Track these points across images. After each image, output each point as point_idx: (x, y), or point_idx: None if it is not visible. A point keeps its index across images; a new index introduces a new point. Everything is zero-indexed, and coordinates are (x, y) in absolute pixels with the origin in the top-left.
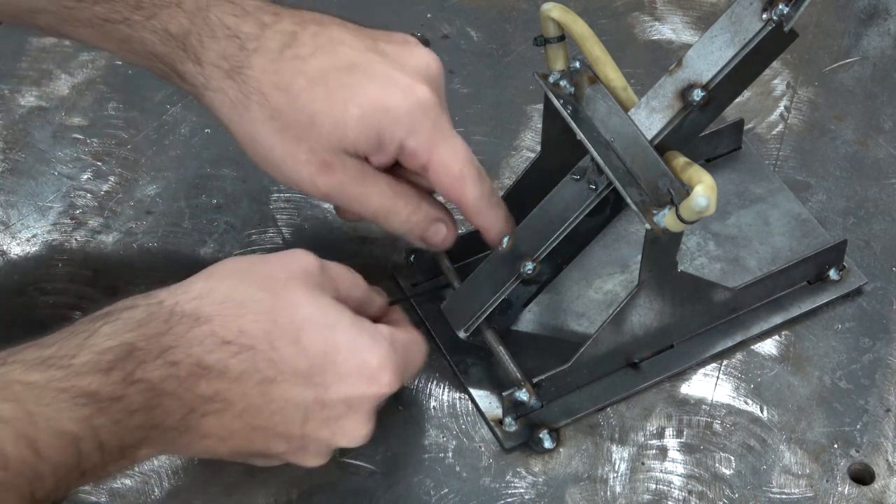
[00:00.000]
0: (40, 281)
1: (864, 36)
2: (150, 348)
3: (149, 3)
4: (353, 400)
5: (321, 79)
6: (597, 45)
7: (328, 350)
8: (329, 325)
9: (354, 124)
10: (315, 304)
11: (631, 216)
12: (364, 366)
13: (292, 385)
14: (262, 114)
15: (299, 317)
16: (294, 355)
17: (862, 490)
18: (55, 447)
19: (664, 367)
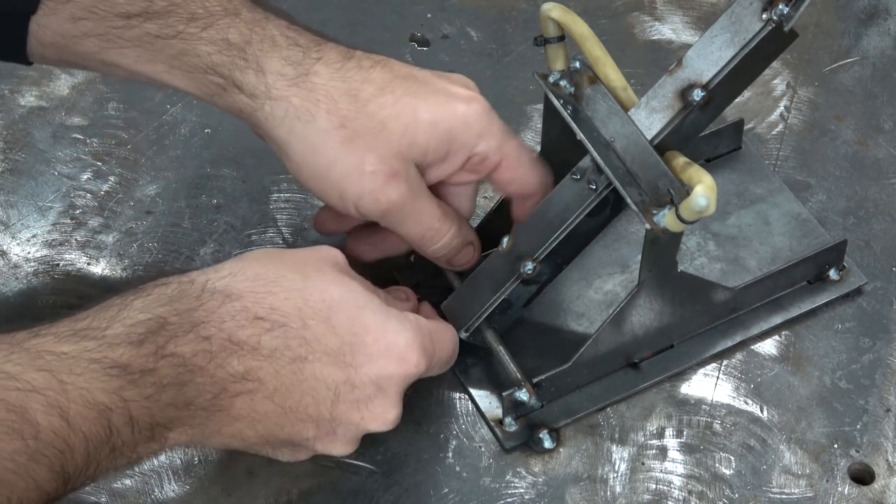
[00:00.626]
0: (40, 281)
1: (864, 36)
2: (182, 322)
3: (204, 14)
4: (383, 380)
5: (388, 87)
6: (597, 45)
7: (358, 330)
8: (359, 306)
9: (426, 128)
10: (345, 286)
11: (631, 216)
12: (393, 346)
13: (323, 364)
14: (331, 122)
15: (330, 296)
16: (325, 334)
17: (862, 490)
18: (87, 418)
19: (664, 367)
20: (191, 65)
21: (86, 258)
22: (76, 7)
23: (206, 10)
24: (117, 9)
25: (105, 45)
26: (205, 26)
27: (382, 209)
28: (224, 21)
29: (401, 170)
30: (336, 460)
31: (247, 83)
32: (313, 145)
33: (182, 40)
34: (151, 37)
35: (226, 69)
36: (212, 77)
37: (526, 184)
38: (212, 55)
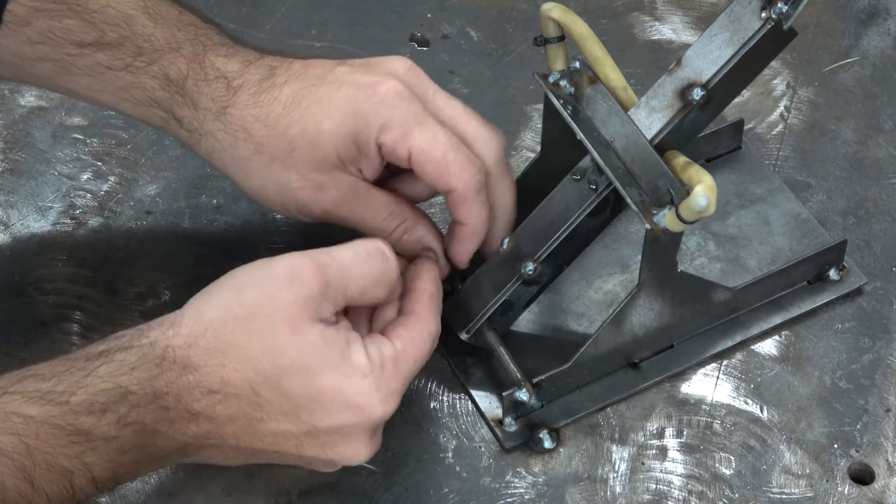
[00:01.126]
0: (40, 281)
1: (864, 36)
2: (144, 392)
3: (150, 49)
4: (345, 429)
5: (294, 102)
6: (597, 45)
7: (311, 393)
8: (310, 370)
9: (328, 138)
10: (297, 346)
11: (631, 216)
12: (351, 401)
13: (280, 422)
14: (248, 150)
15: (279, 364)
16: (277, 399)
17: (862, 490)
18: (50, 481)
19: (664, 367)
20: (137, 98)
21: (86, 259)
22: (33, 31)
23: (152, 45)
24: (72, 36)
25: (59, 70)
26: (150, 61)
27: (320, 215)
28: (167, 57)
29: (325, 180)
30: None
31: (185, 118)
32: (245, 171)
33: (130, 73)
34: (102, 67)
35: (167, 104)
36: (156, 111)
37: (439, 180)
38: (155, 90)
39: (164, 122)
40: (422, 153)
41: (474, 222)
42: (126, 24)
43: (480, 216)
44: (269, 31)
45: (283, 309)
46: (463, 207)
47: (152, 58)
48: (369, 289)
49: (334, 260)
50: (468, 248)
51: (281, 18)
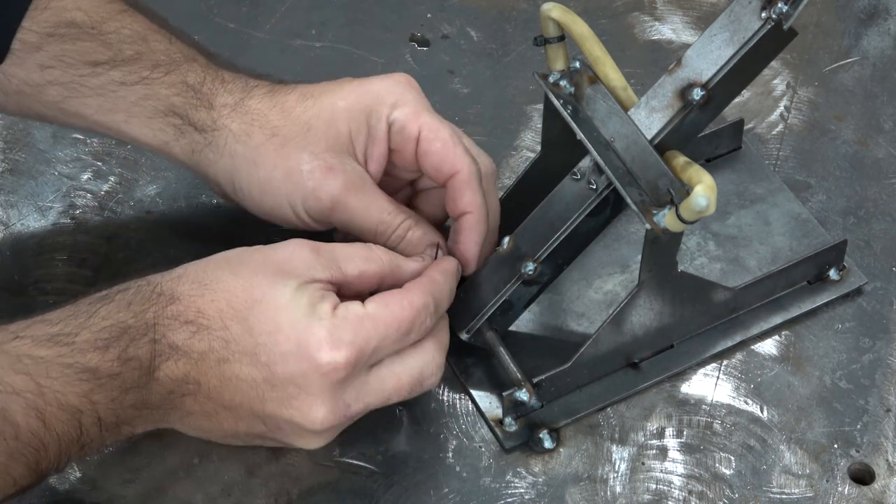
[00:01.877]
0: (40, 281)
1: (864, 36)
2: (139, 325)
3: (167, 61)
4: (299, 379)
5: (309, 92)
6: (597, 45)
7: (271, 329)
8: (277, 306)
9: (344, 115)
10: (271, 285)
11: (631, 216)
12: (302, 344)
13: (242, 365)
14: (264, 134)
15: (252, 296)
16: (242, 334)
17: (862, 490)
18: (60, 419)
19: (664, 367)
20: (151, 109)
21: (85, 258)
22: (45, 55)
23: (169, 57)
24: (86, 57)
25: (68, 94)
26: (167, 71)
27: (326, 205)
28: (184, 66)
29: (335, 163)
30: (336, 460)
31: (199, 120)
32: (253, 160)
33: (145, 85)
34: (116, 84)
35: (182, 109)
36: (171, 119)
37: (445, 159)
38: (171, 97)
39: (177, 129)
40: (431, 130)
41: (478, 210)
42: (143, 40)
43: (483, 205)
44: (269, 31)
45: (272, 264)
46: (467, 193)
47: (170, 68)
48: (364, 268)
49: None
50: (475, 238)
51: (281, 18)
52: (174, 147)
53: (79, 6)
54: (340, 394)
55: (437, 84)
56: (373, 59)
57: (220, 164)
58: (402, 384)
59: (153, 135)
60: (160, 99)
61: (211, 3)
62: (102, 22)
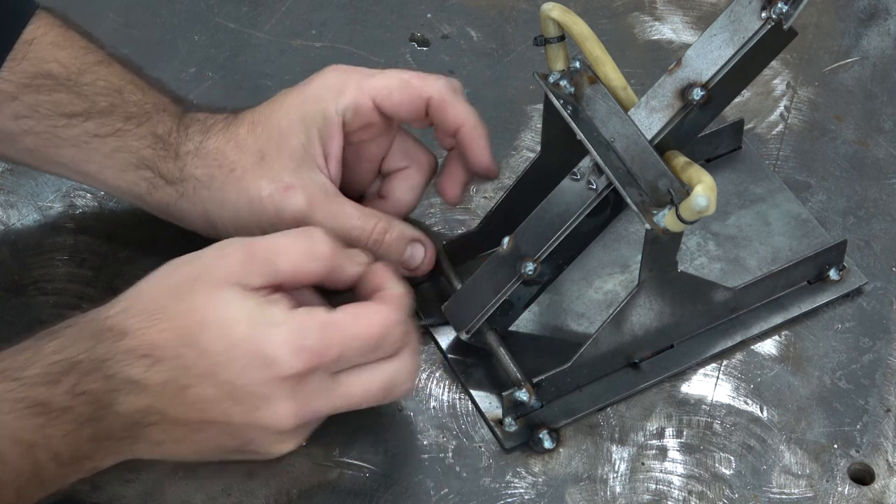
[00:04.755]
0: (40, 281)
1: (864, 36)
2: (90, 359)
3: (139, 113)
4: (260, 388)
5: (258, 119)
6: (597, 45)
7: (226, 347)
8: (225, 323)
9: (291, 131)
10: (214, 303)
11: (631, 216)
12: (261, 353)
13: (203, 387)
14: (223, 173)
15: (196, 320)
16: (197, 358)
17: (862, 490)
18: (14, 454)
19: (664, 367)
20: (123, 162)
21: (85, 258)
22: (20, 105)
23: (140, 108)
24: (60, 108)
25: (43, 143)
26: (139, 123)
27: (292, 222)
28: (155, 118)
29: (293, 181)
30: (336, 460)
31: (167, 172)
32: (220, 202)
33: (117, 138)
34: (89, 135)
35: (152, 162)
36: (142, 172)
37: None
38: (141, 150)
39: (149, 183)
40: (384, 88)
41: (469, 117)
42: (117, 92)
43: (471, 111)
44: (269, 31)
45: (207, 276)
46: (451, 108)
47: (141, 120)
48: (302, 264)
49: (263, 240)
50: (483, 143)
51: (281, 18)
52: (150, 201)
53: (56, 58)
54: (305, 395)
55: None
56: (373, 59)
57: (196, 212)
58: (370, 392)
59: (127, 188)
60: (132, 151)
61: (211, 3)
62: (79, 73)
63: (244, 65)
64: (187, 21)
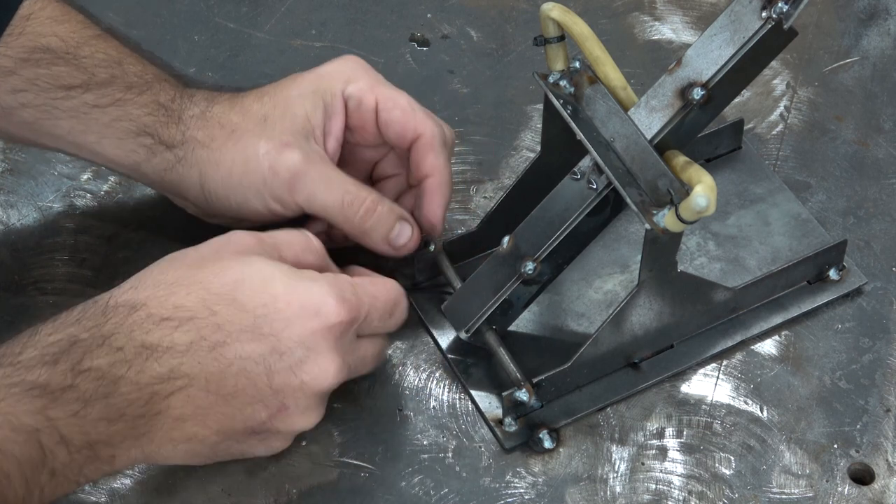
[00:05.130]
0: (40, 281)
1: (864, 36)
2: (93, 337)
3: (140, 83)
4: (307, 339)
5: (265, 91)
6: (597, 45)
7: (266, 300)
8: (263, 278)
9: (298, 101)
10: (244, 263)
11: (631, 216)
12: (307, 303)
13: (243, 343)
14: (224, 134)
15: (230, 277)
16: (235, 314)
17: (862, 490)
18: (16, 442)
19: (664, 367)
20: (123, 130)
21: (85, 258)
22: (18, 80)
23: (142, 78)
24: (59, 81)
25: (40, 116)
26: (140, 92)
27: (286, 180)
28: (156, 86)
29: (291, 141)
30: (336, 460)
31: (169, 136)
32: (215, 162)
33: (118, 107)
34: (88, 106)
35: (153, 128)
36: (142, 139)
37: (407, 125)
38: (142, 117)
39: (148, 150)
40: (389, 100)
41: (442, 172)
42: (117, 64)
43: (447, 167)
44: (269, 31)
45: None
46: (430, 155)
47: (142, 89)
48: (301, 255)
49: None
50: (440, 201)
51: (281, 18)
52: (146, 167)
53: (54, 32)
54: (344, 349)
55: (437, 84)
56: (373, 59)
57: (190, 176)
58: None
59: (125, 155)
60: (132, 119)
61: (211, 3)
62: (77, 47)
63: (244, 65)
64: (187, 21)
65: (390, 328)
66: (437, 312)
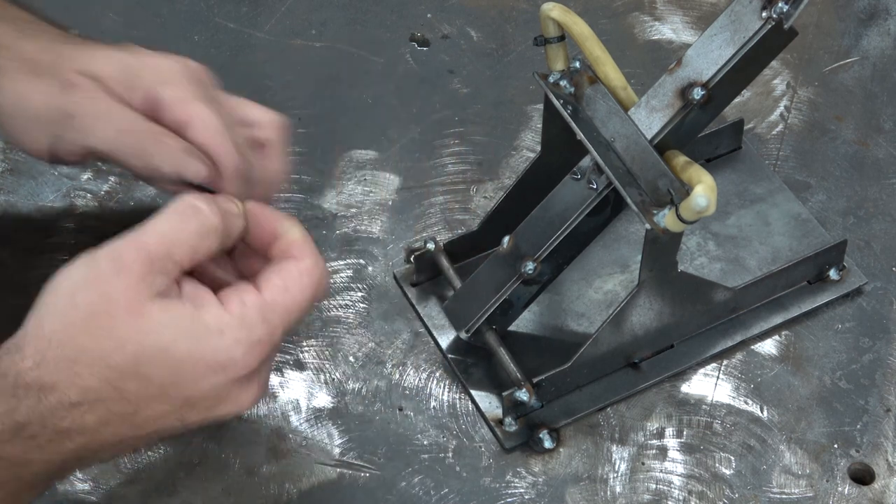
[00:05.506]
0: (40, 281)
1: (864, 36)
2: (4, 428)
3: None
4: (218, 391)
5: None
6: (597, 45)
7: (171, 368)
8: (163, 348)
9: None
10: (143, 329)
11: (631, 216)
12: (212, 363)
13: (153, 408)
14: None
15: (131, 352)
16: (141, 387)
17: (862, 490)
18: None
19: (664, 367)
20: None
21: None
22: None
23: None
24: None
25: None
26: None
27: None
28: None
29: (77, 79)
30: (336, 460)
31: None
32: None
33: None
34: None
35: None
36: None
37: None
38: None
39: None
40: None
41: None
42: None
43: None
44: (269, 31)
45: (118, 300)
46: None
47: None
48: (198, 245)
49: (151, 233)
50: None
51: (281, 18)
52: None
53: None
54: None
55: (437, 84)
56: (373, 59)
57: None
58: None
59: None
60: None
61: (211, 3)
62: None
63: (244, 65)
64: (187, 21)
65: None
66: (437, 312)
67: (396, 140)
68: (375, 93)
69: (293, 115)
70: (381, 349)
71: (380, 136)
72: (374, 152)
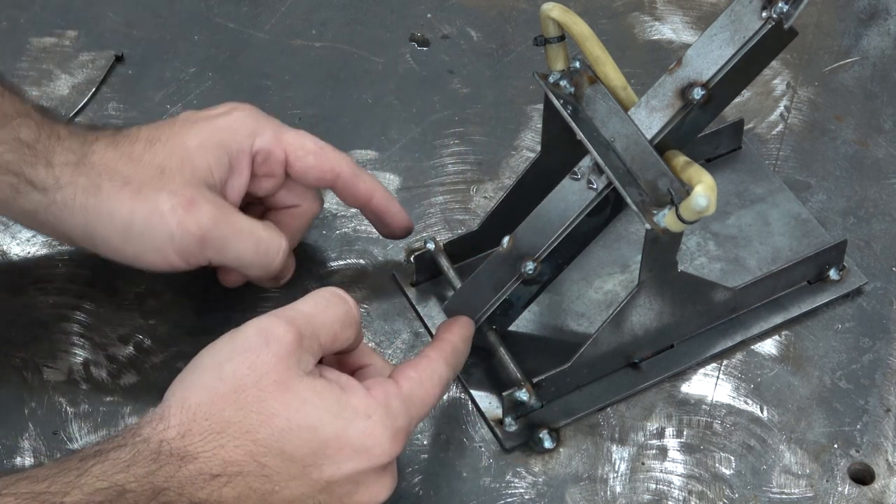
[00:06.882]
0: (40, 281)
1: (864, 36)
2: (143, 489)
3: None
4: (357, 476)
5: (156, 136)
6: (597, 45)
7: (316, 449)
8: (310, 427)
9: (198, 152)
10: (292, 406)
11: (631, 216)
12: (359, 448)
13: (292, 489)
14: (114, 185)
15: (278, 428)
16: (283, 465)
17: (862, 490)
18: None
19: (664, 367)
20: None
21: (86, 258)
22: None
23: (1, 111)
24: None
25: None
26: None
27: (198, 237)
28: (16, 121)
29: (196, 195)
30: None
31: (38, 178)
32: (108, 212)
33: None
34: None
35: (17, 167)
36: (5, 177)
37: (323, 168)
38: (3, 154)
39: (13, 188)
40: (300, 148)
41: (378, 186)
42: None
43: (376, 182)
44: (269, 31)
45: (267, 373)
46: (361, 182)
47: (2, 123)
48: (339, 332)
49: (299, 312)
50: (395, 206)
51: (281, 18)
52: (14, 207)
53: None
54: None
55: (437, 84)
56: (373, 59)
57: (73, 221)
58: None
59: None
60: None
61: (211, 3)
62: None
63: (244, 65)
64: (187, 21)
65: None
66: (437, 312)
67: (396, 140)
68: (375, 93)
69: (293, 115)
70: (381, 349)
71: (380, 136)
72: (374, 152)
